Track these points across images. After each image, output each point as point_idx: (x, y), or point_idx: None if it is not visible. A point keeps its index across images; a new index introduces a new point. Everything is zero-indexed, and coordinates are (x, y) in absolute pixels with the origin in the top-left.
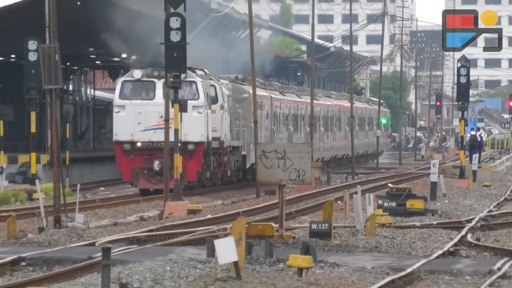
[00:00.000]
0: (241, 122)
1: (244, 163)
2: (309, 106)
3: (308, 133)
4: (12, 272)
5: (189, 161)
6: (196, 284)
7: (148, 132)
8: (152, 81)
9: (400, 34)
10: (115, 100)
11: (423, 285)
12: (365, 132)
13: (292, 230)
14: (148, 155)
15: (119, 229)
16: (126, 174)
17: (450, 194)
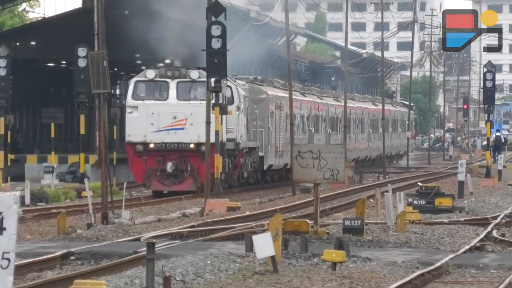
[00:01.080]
0: (258, 123)
1: (262, 164)
2: (330, 108)
3: (329, 134)
4: (62, 266)
5: (202, 163)
6: (235, 277)
7: (161, 133)
8: (166, 81)
9: (429, 41)
10: (127, 100)
11: (451, 279)
12: (397, 134)
13: (326, 226)
14: (161, 156)
15: (162, 225)
16: (138, 175)
17: (476, 192)
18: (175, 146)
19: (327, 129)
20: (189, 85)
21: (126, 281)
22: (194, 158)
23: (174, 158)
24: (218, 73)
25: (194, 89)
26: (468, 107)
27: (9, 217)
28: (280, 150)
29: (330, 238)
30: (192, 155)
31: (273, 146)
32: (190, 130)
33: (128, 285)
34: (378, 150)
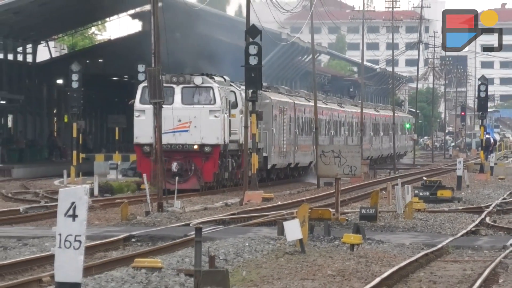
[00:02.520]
0: (263, 126)
1: (266, 164)
2: (333, 112)
3: (332, 137)
4: (124, 247)
5: (205, 163)
6: (269, 256)
7: (167, 135)
8: (171, 87)
9: (433, 58)
10: (135, 104)
11: (451, 258)
12: (405, 136)
13: (346, 214)
14: (167, 156)
15: (208, 212)
16: (146, 174)
17: (472, 185)
18: (180, 147)
19: (345, 132)
20: (193, 90)
21: (178, 259)
22: (197, 159)
23: (179, 158)
24: (254, 85)
25: (197, 94)
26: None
27: (80, 206)
28: (284, 150)
29: (349, 224)
30: (196, 156)
31: (277, 147)
32: (194, 132)
33: (180, 263)
34: (388, 150)
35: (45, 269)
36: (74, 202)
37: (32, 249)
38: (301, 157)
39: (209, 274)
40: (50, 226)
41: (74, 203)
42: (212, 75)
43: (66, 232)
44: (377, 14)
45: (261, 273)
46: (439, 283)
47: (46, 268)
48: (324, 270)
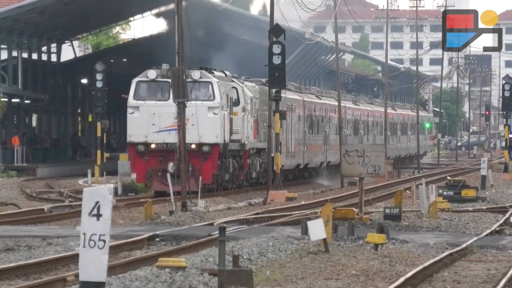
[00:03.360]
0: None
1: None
2: (347, 110)
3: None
4: (148, 246)
5: (204, 163)
6: (293, 256)
7: (162, 133)
8: (167, 82)
9: (457, 58)
10: (129, 101)
11: (475, 258)
12: (424, 136)
13: (370, 213)
14: (162, 156)
15: (232, 212)
16: (140, 176)
17: (496, 185)
18: (176, 146)
19: (361, 131)
20: (190, 85)
21: (202, 259)
22: (195, 159)
23: (176, 159)
24: (278, 85)
25: (195, 89)
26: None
27: (104, 205)
28: (292, 151)
29: (373, 224)
30: (194, 155)
31: (284, 147)
32: (192, 131)
33: (203, 262)
34: (406, 150)
35: (69, 269)
36: (98, 201)
37: (57, 249)
38: (311, 158)
39: (233, 273)
40: (74, 226)
41: (99, 203)
42: (211, 69)
43: (91, 232)
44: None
45: (285, 273)
46: (463, 282)
47: (70, 268)
48: (348, 270)
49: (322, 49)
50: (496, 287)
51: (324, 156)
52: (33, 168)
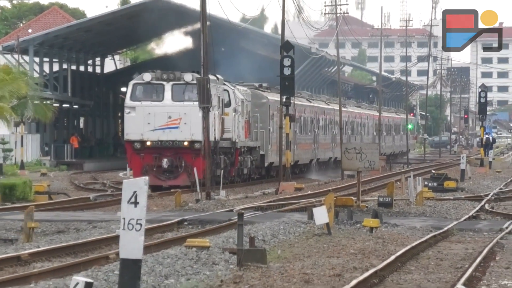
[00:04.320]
0: (260, 125)
1: (263, 162)
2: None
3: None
4: (178, 229)
5: (196, 159)
6: (300, 237)
7: (157, 131)
8: (161, 84)
9: (440, 69)
10: (126, 101)
11: (455, 239)
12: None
13: (366, 201)
14: (157, 153)
15: (248, 200)
16: (136, 171)
17: (473, 177)
18: (170, 143)
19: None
20: (183, 87)
21: (223, 240)
22: (187, 155)
23: (169, 155)
24: (288, 92)
25: (188, 91)
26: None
27: (141, 194)
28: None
29: (368, 210)
30: (186, 152)
31: (274, 145)
32: (184, 129)
33: (225, 242)
34: (391, 148)
35: (111, 248)
36: (135, 191)
37: (100, 231)
38: (301, 155)
39: (249, 252)
40: (115, 211)
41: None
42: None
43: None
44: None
45: (294, 252)
46: (445, 260)
47: (112, 247)
48: (347, 249)
49: (325, 62)
50: (472, 263)
51: (314, 154)
52: (80, 163)
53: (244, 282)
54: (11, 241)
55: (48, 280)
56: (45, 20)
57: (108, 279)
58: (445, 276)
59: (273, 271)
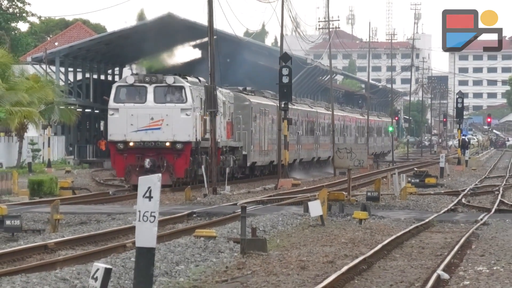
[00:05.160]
0: (242, 126)
1: (245, 161)
2: (319, 114)
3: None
4: (187, 220)
5: (177, 159)
6: (297, 228)
7: (139, 132)
8: (144, 86)
9: (422, 78)
10: (109, 103)
11: (435, 229)
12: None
13: (355, 196)
14: (140, 153)
15: (251, 195)
16: (119, 171)
17: (452, 174)
18: (152, 144)
19: (356, 134)
20: (165, 89)
21: (228, 230)
22: (169, 155)
23: (152, 155)
24: (286, 98)
25: (169, 93)
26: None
27: (155, 189)
28: (265, 149)
29: (358, 204)
30: (168, 152)
31: (257, 146)
32: (166, 130)
33: (229, 233)
34: (373, 149)
35: (128, 237)
36: (150, 186)
37: (118, 222)
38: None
39: (251, 241)
40: (132, 205)
41: (150, 188)
42: (185, 75)
43: (144, 209)
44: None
45: (291, 241)
46: (426, 248)
47: (129, 237)
48: (339, 239)
49: (319, 72)
50: (451, 251)
51: (297, 154)
52: (100, 161)
53: (247, 268)
54: (39, 231)
55: (72, 266)
56: (70, 34)
57: (125, 265)
58: (427, 262)
59: (272, 258)
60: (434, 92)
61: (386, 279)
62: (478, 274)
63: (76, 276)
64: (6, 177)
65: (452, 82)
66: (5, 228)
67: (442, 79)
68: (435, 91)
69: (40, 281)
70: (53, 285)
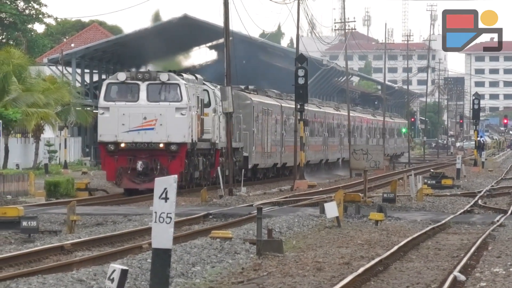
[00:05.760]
0: (243, 126)
1: (246, 163)
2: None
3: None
4: (203, 222)
5: (172, 162)
6: (313, 229)
7: (131, 133)
8: (136, 83)
9: (438, 79)
10: (99, 101)
11: (452, 231)
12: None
13: (372, 197)
14: (132, 155)
15: (266, 196)
16: (110, 174)
17: (468, 175)
18: (145, 145)
19: (367, 135)
20: (159, 87)
21: (244, 231)
22: (163, 157)
23: (144, 157)
24: (302, 99)
25: (164, 91)
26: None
27: (171, 191)
28: (268, 151)
29: (374, 205)
30: (162, 154)
31: (259, 147)
32: (160, 131)
33: (245, 234)
34: (400, 149)
35: (144, 238)
36: (166, 188)
37: (135, 223)
38: (289, 157)
39: (267, 242)
40: (148, 206)
41: (166, 189)
42: (181, 72)
43: (160, 211)
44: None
45: (307, 242)
46: (443, 250)
47: (145, 238)
48: (355, 240)
49: (335, 73)
50: (467, 253)
51: (304, 156)
52: None
53: (263, 269)
54: (56, 232)
55: (88, 267)
56: (86, 35)
57: (141, 266)
58: (443, 264)
59: (288, 260)
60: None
61: (402, 281)
62: (495, 276)
63: (93, 277)
64: (22, 178)
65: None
66: (22, 229)
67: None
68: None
69: (56, 282)
70: (69, 286)
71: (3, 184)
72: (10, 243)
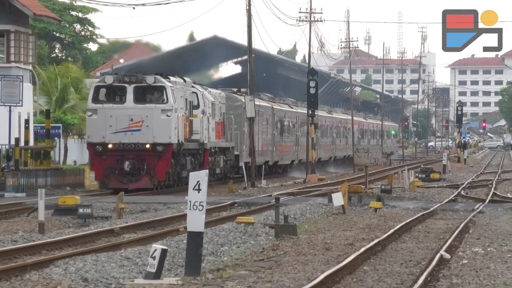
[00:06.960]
0: (234, 126)
1: (237, 162)
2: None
3: (370, 139)
4: (230, 209)
5: (158, 162)
6: (322, 215)
7: (119, 134)
8: (123, 86)
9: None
10: (88, 104)
11: (439, 217)
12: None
13: (372, 188)
14: (119, 156)
15: (283, 188)
16: (98, 174)
17: (452, 170)
18: (132, 146)
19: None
20: (145, 89)
21: (264, 217)
22: (150, 158)
23: (131, 158)
24: (313, 106)
25: (150, 93)
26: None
27: (203, 183)
28: (259, 150)
29: (374, 195)
30: (148, 155)
31: (249, 146)
32: (146, 132)
33: (265, 219)
34: (389, 149)
35: (180, 223)
36: (199, 180)
37: (173, 210)
38: (280, 156)
39: (284, 226)
40: (184, 196)
41: (199, 181)
42: (168, 75)
43: (194, 200)
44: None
45: (317, 226)
46: (431, 232)
47: (181, 222)
48: (357, 225)
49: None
50: (452, 235)
51: (295, 155)
52: None
53: (280, 249)
54: (107, 218)
55: (134, 247)
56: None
57: (178, 246)
58: (431, 244)
59: (302, 241)
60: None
61: (397, 259)
62: (475, 254)
63: (138, 255)
64: (79, 173)
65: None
66: (79, 215)
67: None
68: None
69: (107, 260)
70: (118, 263)
71: (63, 178)
72: (69, 227)
